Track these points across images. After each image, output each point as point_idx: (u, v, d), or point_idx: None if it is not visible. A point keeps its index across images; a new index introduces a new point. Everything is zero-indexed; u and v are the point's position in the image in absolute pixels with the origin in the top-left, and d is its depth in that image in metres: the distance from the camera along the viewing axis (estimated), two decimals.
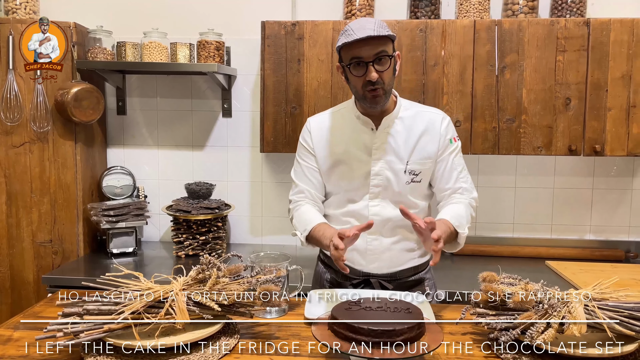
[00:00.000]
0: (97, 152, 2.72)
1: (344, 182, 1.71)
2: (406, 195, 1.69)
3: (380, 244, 1.71)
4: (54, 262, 2.54)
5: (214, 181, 2.75)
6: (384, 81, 1.56)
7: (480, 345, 1.32)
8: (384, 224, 1.69)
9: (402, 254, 1.74)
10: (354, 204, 1.71)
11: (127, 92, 2.81)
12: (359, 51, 1.52)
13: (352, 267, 1.75)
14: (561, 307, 1.24)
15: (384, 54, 1.53)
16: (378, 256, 1.71)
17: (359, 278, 1.76)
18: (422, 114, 1.71)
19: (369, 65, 1.53)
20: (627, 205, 2.69)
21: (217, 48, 2.51)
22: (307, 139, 1.76)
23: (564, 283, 2.24)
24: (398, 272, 1.75)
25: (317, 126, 1.75)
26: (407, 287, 1.74)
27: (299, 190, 1.77)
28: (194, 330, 1.25)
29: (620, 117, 2.30)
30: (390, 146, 1.67)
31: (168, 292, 1.24)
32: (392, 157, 1.66)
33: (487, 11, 2.41)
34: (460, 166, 1.73)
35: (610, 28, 2.27)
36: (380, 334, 1.15)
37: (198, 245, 2.55)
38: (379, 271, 1.74)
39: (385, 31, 1.52)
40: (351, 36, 1.50)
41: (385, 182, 1.67)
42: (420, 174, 1.68)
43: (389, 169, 1.67)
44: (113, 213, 2.53)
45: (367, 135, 1.68)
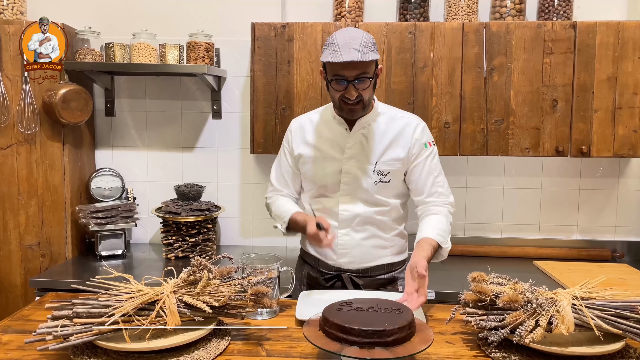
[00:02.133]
0: (85, 154, 2.70)
1: (317, 178, 1.79)
2: (374, 194, 1.75)
3: (351, 238, 1.77)
4: (41, 265, 2.51)
5: (203, 183, 2.74)
6: (363, 97, 1.61)
7: (470, 345, 1.33)
8: (353, 218, 1.76)
9: (372, 250, 1.80)
10: (325, 199, 1.79)
11: (116, 94, 2.79)
12: (342, 71, 1.56)
13: (324, 262, 1.83)
14: (549, 306, 1.25)
15: (365, 75, 1.57)
16: (348, 251, 1.78)
17: (331, 273, 1.83)
18: (397, 119, 1.77)
19: (350, 85, 1.57)
20: (613, 206, 2.73)
21: (206, 49, 2.51)
22: (288, 138, 1.87)
23: (552, 282, 2.26)
24: (369, 268, 1.81)
25: (298, 126, 1.85)
26: (378, 284, 1.82)
27: (274, 189, 1.90)
28: (185, 333, 1.24)
29: (606, 119, 2.34)
30: (362, 147, 1.73)
31: (159, 294, 1.23)
32: (362, 157, 1.74)
33: (475, 14, 2.44)
34: (436, 171, 1.78)
35: (596, 31, 2.30)
36: (370, 335, 1.15)
37: (188, 247, 2.54)
38: (350, 266, 1.80)
39: (371, 54, 1.54)
40: (336, 54, 1.52)
41: (355, 180, 1.74)
42: (389, 174, 1.74)
43: (358, 168, 1.74)
44: (102, 215, 2.51)
45: (341, 135, 1.75)
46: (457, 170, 2.74)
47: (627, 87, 2.31)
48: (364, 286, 1.80)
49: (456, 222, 2.77)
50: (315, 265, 1.88)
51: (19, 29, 2.37)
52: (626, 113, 2.32)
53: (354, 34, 1.56)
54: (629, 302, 1.27)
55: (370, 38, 1.57)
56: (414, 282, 1.47)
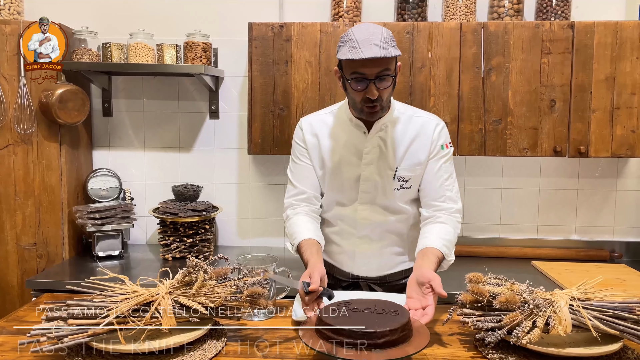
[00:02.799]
0: (82, 154, 2.69)
1: (334, 185, 1.68)
2: (395, 201, 1.66)
3: (369, 247, 1.70)
4: (38, 266, 2.50)
5: (201, 183, 2.73)
6: (383, 98, 1.51)
7: (467, 346, 1.32)
8: (373, 228, 1.68)
9: (391, 258, 1.73)
10: (343, 207, 1.69)
11: (113, 94, 2.78)
12: (362, 68, 1.44)
13: (341, 270, 1.76)
14: (546, 307, 1.25)
15: (387, 72, 1.46)
16: (367, 260, 1.71)
17: (348, 280, 1.77)
18: (416, 119, 1.66)
19: (371, 84, 1.46)
20: (611, 206, 2.72)
21: (204, 49, 2.50)
22: (301, 138, 1.71)
23: (550, 283, 2.26)
24: (387, 275, 1.75)
25: (309, 127, 1.71)
26: (396, 290, 1.73)
27: (298, 192, 1.71)
28: (181, 334, 1.24)
29: (604, 119, 2.33)
30: (381, 151, 1.63)
31: (154, 295, 1.23)
32: (382, 163, 1.63)
33: (473, 14, 2.43)
34: (447, 173, 1.68)
35: (594, 31, 2.30)
36: (360, 336, 1.15)
37: (185, 247, 2.54)
38: (368, 274, 1.74)
39: (393, 50, 1.43)
40: (356, 50, 1.41)
41: (374, 187, 1.64)
42: (410, 180, 1.65)
43: (378, 174, 1.63)
44: (99, 216, 2.50)
45: (359, 138, 1.64)
46: (455, 170, 2.72)
47: (625, 87, 2.31)
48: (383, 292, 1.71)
49: None
50: (331, 272, 1.77)
51: (16, 28, 2.37)
52: (624, 113, 2.32)
53: (372, 29, 1.45)
54: (626, 302, 1.26)
55: (389, 33, 1.47)
56: (422, 297, 1.38)
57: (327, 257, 1.79)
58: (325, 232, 1.75)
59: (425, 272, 1.41)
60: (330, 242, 1.76)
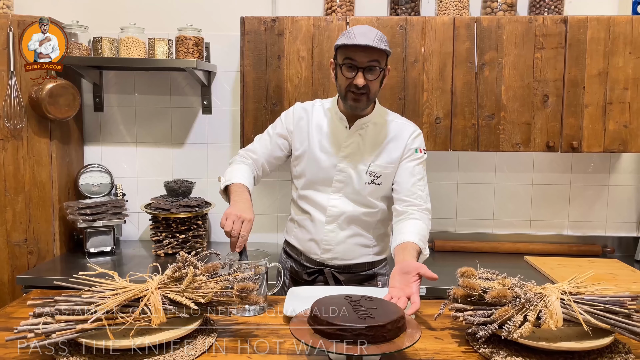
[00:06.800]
0: (73, 150, 2.67)
1: (311, 168, 1.79)
2: (365, 195, 1.77)
3: (336, 235, 1.79)
4: (29, 262, 2.48)
5: (194, 179, 2.72)
6: (370, 89, 1.65)
7: (458, 340, 1.32)
8: (340, 215, 1.77)
9: (356, 248, 1.82)
10: (317, 192, 1.80)
11: (105, 89, 2.76)
12: (354, 55, 1.60)
13: (308, 256, 1.85)
14: (538, 301, 1.25)
15: (376, 64, 1.61)
16: (333, 247, 1.80)
17: (314, 267, 1.85)
18: (395, 123, 1.80)
19: (359, 71, 1.61)
20: (604, 201, 2.73)
21: (195, 44, 2.48)
22: (288, 118, 1.85)
23: (543, 278, 2.26)
24: (352, 265, 1.83)
25: (301, 112, 1.84)
26: (359, 280, 1.84)
27: (252, 150, 1.87)
28: (170, 330, 1.23)
29: (597, 114, 2.33)
30: (358, 146, 1.76)
31: (143, 290, 1.21)
32: (358, 157, 1.76)
33: (466, 8, 2.42)
34: (420, 175, 1.77)
35: (587, 26, 2.30)
36: (356, 331, 1.13)
37: (178, 243, 2.52)
38: (333, 262, 1.82)
39: (383, 45, 1.61)
40: (351, 39, 1.59)
41: (347, 178, 1.76)
42: (381, 177, 1.76)
43: (352, 168, 1.76)
44: (90, 212, 2.48)
45: (341, 131, 1.77)
46: (448, 166, 2.73)
47: (618, 82, 2.31)
48: (345, 282, 1.82)
49: (447, 218, 2.77)
50: (299, 258, 1.89)
51: (5, 22, 2.33)
52: (617, 108, 2.32)
53: (370, 29, 1.63)
54: (617, 296, 1.26)
55: (384, 38, 1.64)
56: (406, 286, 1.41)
57: (297, 242, 1.89)
58: (297, 218, 1.88)
59: (411, 263, 1.49)
60: (300, 227, 1.87)
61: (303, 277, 1.87)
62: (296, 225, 1.89)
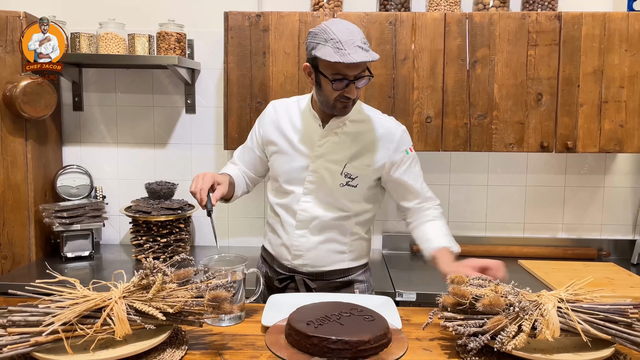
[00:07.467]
0: (51, 150, 2.56)
1: (282, 171, 1.70)
2: (339, 198, 1.66)
3: (307, 241, 1.69)
4: (3, 268, 2.37)
5: (177, 180, 2.62)
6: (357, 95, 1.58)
7: (448, 352, 1.23)
8: (311, 220, 1.67)
9: (329, 254, 1.71)
10: (287, 195, 1.70)
11: (84, 87, 2.66)
12: (347, 70, 1.47)
13: (280, 262, 1.76)
14: (533, 310, 1.16)
15: (365, 74, 1.52)
16: (303, 253, 1.70)
17: (285, 274, 1.75)
18: (376, 121, 1.68)
19: (351, 84, 1.51)
20: (599, 203, 2.66)
21: (178, 40, 2.39)
22: (262, 123, 1.77)
23: (537, 283, 2.18)
24: (325, 272, 1.73)
25: (274, 110, 1.76)
26: (333, 287, 1.74)
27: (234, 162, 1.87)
28: (136, 342, 1.13)
29: (592, 113, 2.26)
30: (333, 146, 1.65)
31: (106, 300, 1.12)
32: (332, 157, 1.65)
33: (457, 4, 2.35)
34: (421, 176, 1.73)
35: (582, 22, 2.22)
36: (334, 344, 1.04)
37: (159, 248, 2.42)
38: (304, 269, 1.72)
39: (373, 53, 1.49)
40: (342, 53, 1.43)
41: (320, 180, 1.65)
42: (357, 178, 1.65)
43: (326, 168, 1.65)
44: (67, 215, 2.38)
45: (315, 131, 1.66)
46: (439, 166, 2.65)
47: (614, 81, 2.24)
48: (317, 290, 1.71)
49: None
50: (272, 264, 1.80)
51: None
52: (612, 107, 2.25)
53: (350, 28, 1.48)
54: (618, 304, 1.18)
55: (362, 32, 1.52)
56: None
57: (270, 247, 1.80)
58: (270, 222, 1.80)
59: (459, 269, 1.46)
60: (273, 231, 1.78)
61: (275, 283, 1.76)
62: (270, 229, 1.80)
